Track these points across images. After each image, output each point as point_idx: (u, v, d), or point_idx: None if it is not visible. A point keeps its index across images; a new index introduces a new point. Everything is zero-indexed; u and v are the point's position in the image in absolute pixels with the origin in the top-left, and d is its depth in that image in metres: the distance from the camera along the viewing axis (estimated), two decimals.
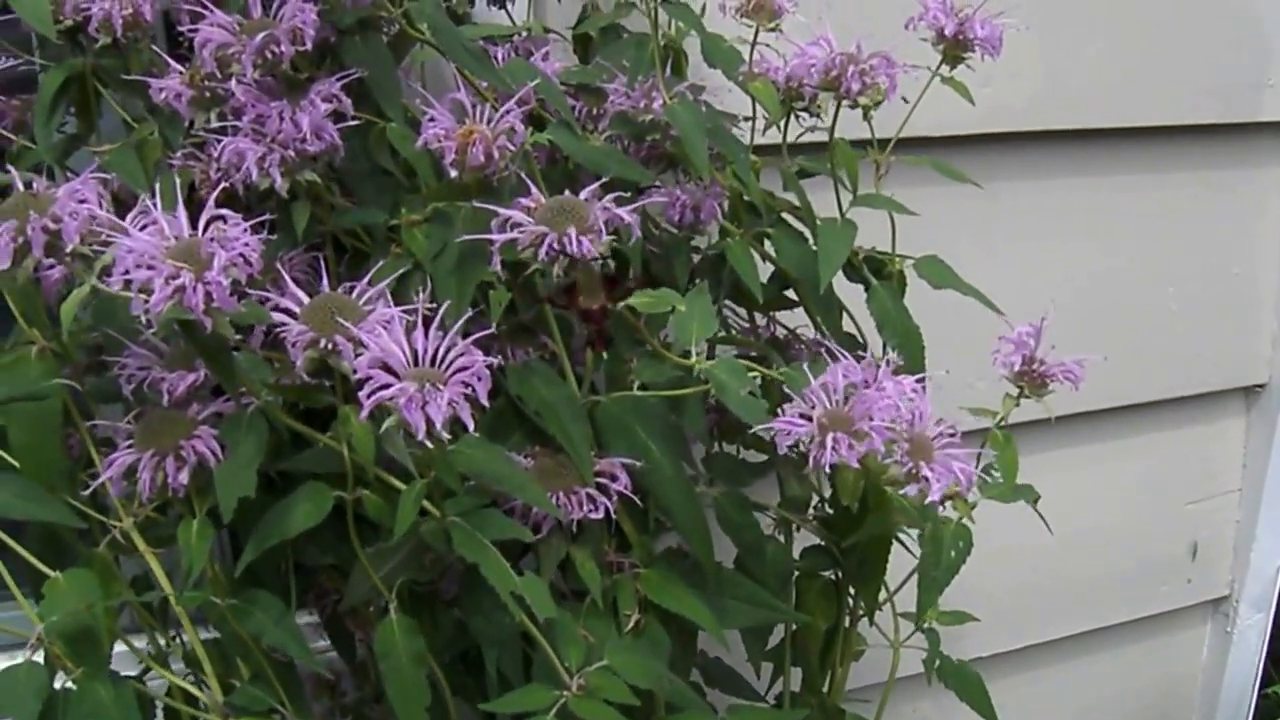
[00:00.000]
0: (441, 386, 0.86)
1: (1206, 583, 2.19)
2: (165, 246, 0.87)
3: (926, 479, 0.96)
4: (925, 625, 1.36)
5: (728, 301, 1.34)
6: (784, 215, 1.31)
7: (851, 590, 1.37)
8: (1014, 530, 1.36)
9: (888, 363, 1.05)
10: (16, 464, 1.05)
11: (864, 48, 1.18)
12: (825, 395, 0.99)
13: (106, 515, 1.07)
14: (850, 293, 1.32)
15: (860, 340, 1.35)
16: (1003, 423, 1.21)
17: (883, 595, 1.33)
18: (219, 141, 1.07)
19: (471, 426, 0.86)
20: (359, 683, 1.36)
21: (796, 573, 1.35)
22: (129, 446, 1.00)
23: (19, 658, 1.00)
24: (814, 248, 1.24)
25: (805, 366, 1.03)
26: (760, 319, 1.41)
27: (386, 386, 0.86)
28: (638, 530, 1.20)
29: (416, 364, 0.89)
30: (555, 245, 0.95)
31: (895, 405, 0.97)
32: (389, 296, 0.94)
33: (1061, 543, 1.43)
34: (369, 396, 0.85)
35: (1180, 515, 2.13)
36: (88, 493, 1.03)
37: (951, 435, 1.00)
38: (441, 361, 0.89)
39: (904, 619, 1.38)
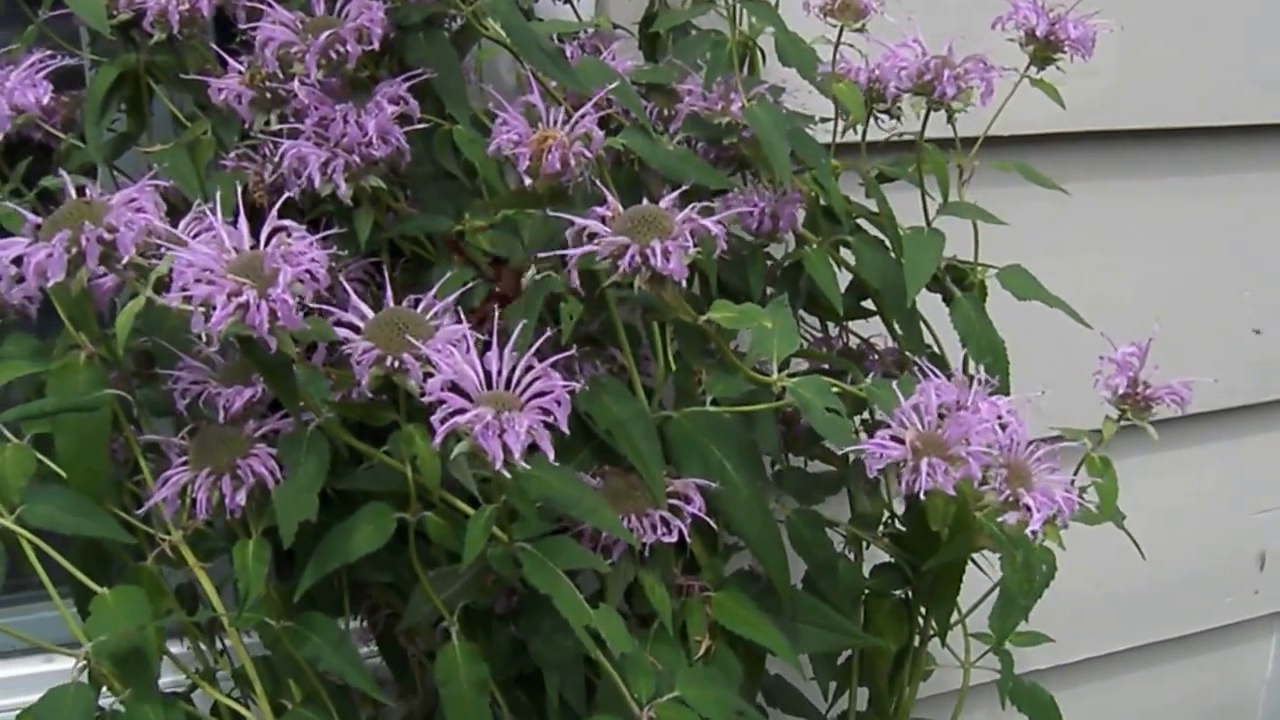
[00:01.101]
0: (519, 413, 0.81)
1: (1274, 594, 2.12)
2: (226, 260, 0.82)
3: (1028, 508, 0.90)
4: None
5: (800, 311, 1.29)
6: (860, 222, 1.25)
7: (922, 610, 1.32)
8: (1075, 542, 1.31)
9: (980, 381, 0.99)
10: (62, 473, 1.01)
11: (955, 49, 1.11)
12: (918, 416, 0.93)
13: (152, 526, 1.03)
14: (924, 300, 1.26)
15: (939, 352, 1.29)
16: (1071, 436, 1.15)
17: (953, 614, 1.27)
18: (276, 143, 1.02)
19: (552, 455, 0.81)
20: (403, 691, 1.31)
21: (866, 591, 1.30)
22: (183, 464, 0.96)
23: (54, 662, 0.96)
24: (896, 257, 1.19)
25: (895, 386, 0.98)
26: (832, 328, 1.36)
27: (461, 411, 0.80)
28: (708, 551, 1.15)
29: (490, 386, 0.84)
30: (637, 258, 0.89)
31: (992, 428, 0.91)
32: (460, 312, 0.89)
33: (1124, 553, 1.38)
34: (442, 422, 0.80)
35: (1248, 525, 2.07)
36: (141, 513, 0.98)
37: (1051, 459, 0.94)
38: (516, 384, 0.84)
39: (974, 639, 1.33)
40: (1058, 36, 1.17)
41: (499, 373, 0.85)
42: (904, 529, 1.30)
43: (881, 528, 1.32)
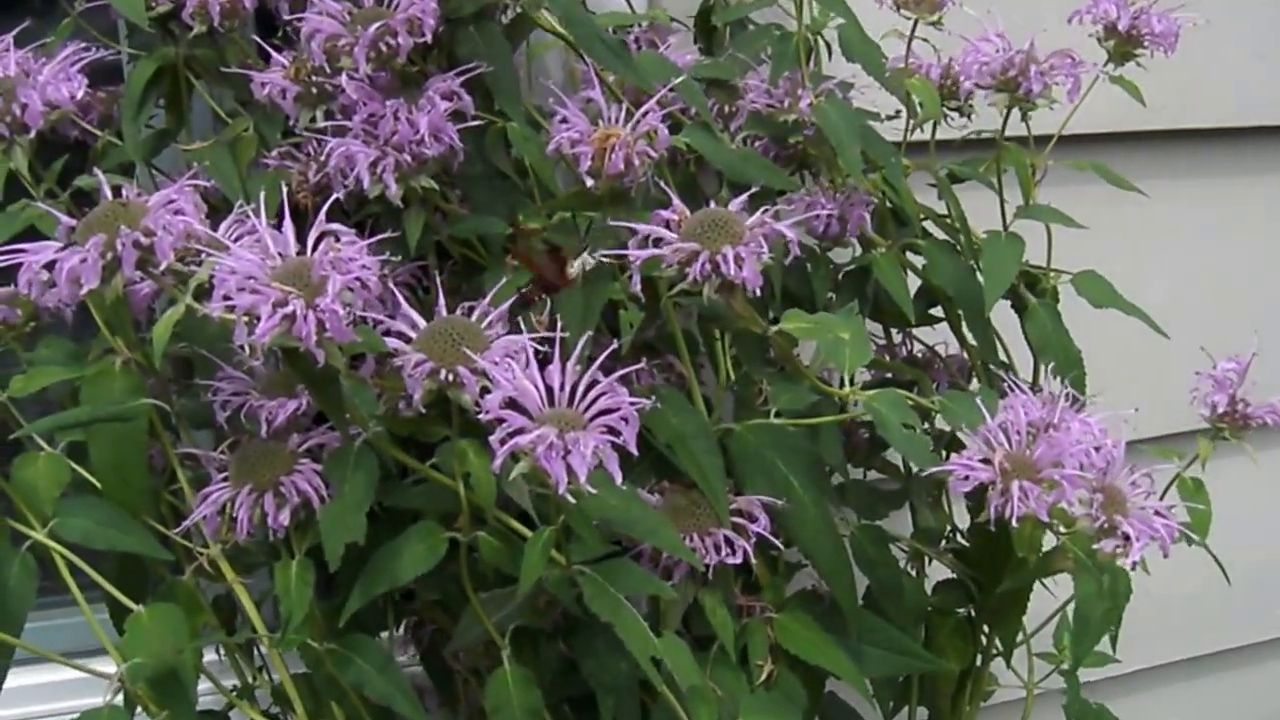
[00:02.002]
0: (583, 432, 0.75)
1: None
2: (271, 267, 0.77)
3: (1126, 536, 0.84)
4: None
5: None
6: (927, 224, 1.19)
7: (986, 628, 1.26)
8: None
9: (1068, 397, 0.93)
10: (97, 483, 0.98)
11: (1036, 44, 1.05)
12: (1005, 435, 0.88)
13: (189, 538, 0.99)
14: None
15: (1008, 360, 1.23)
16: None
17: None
18: (321, 142, 0.97)
19: (619, 479, 0.75)
20: (444, 700, 1.25)
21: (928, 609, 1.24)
22: (223, 480, 0.91)
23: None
24: (969, 261, 1.13)
25: (979, 401, 0.91)
26: (895, 334, 1.30)
27: (522, 431, 0.75)
28: (770, 570, 1.10)
29: (551, 402, 0.79)
30: (708, 265, 0.83)
31: (1087, 450, 0.85)
32: (522, 322, 0.84)
33: (1185, 561, 1.32)
34: (502, 443, 0.75)
35: None
36: (178, 531, 0.93)
37: (1147, 483, 0.88)
38: (580, 400, 0.79)
39: (1038, 659, 1.30)
40: (1139, 31, 1.11)
41: (561, 387, 0.79)
42: (968, 544, 1.25)
43: (944, 542, 1.27)
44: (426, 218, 0.99)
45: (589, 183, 0.90)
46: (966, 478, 0.86)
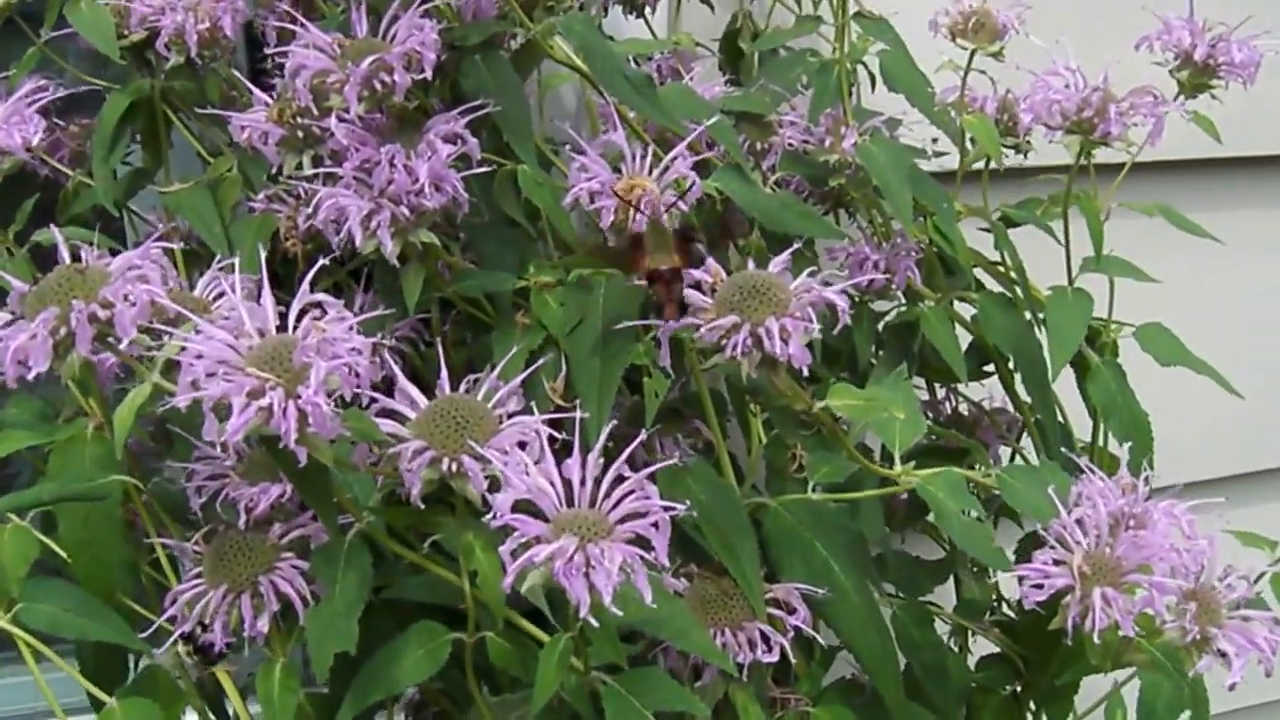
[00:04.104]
0: (608, 541, 0.65)
1: None
2: (247, 347, 0.67)
3: (1223, 654, 0.73)
4: None
5: None
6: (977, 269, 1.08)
7: (1033, 706, 1.16)
8: None
9: (1146, 480, 0.82)
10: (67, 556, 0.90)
11: (1109, 78, 0.94)
12: (1082, 531, 0.77)
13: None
14: None
15: (1064, 420, 1.12)
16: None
17: None
18: (313, 187, 0.86)
19: (649, 598, 0.65)
20: None
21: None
22: (197, 578, 0.80)
23: None
24: (1024, 312, 1.02)
25: (1051, 492, 0.81)
26: (940, 387, 1.19)
27: (537, 540, 0.64)
28: (806, 659, 0.99)
29: (570, 501, 0.68)
30: (749, 340, 0.73)
31: (1177, 551, 0.74)
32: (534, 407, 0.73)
33: None
34: (514, 556, 0.64)
35: None
36: (145, 635, 0.83)
37: (1242, 586, 0.77)
38: (604, 498, 0.68)
39: None
40: (1217, 60, 1.00)
41: (581, 483, 0.69)
42: (1016, 618, 1.15)
43: (989, 613, 1.17)
44: (428, 272, 0.88)
45: (610, 240, 0.79)
46: (1041, 586, 0.75)
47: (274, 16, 0.94)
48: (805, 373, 0.74)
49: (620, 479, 0.68)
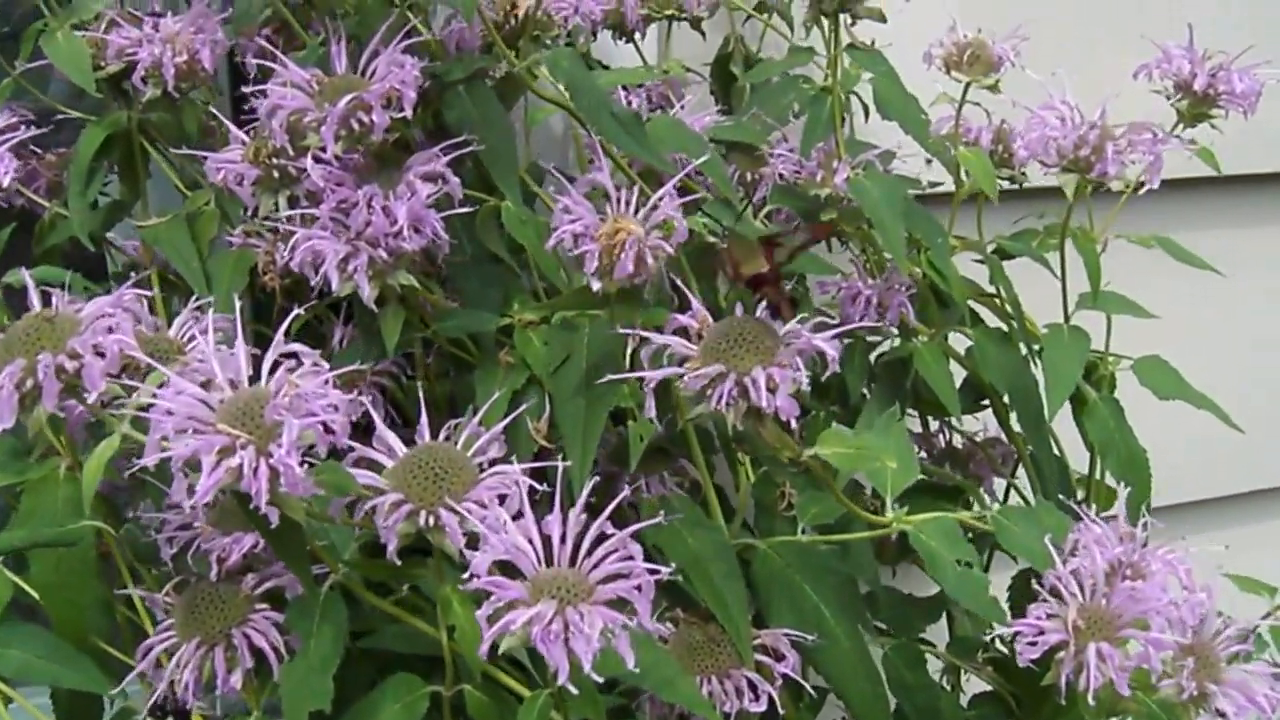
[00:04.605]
0: (589, 605, 0.63)
1: None
2: (219, 400, 0.65)
3: (1221, 714, 0.71)
4: None
5: None
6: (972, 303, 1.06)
7: None
8: None
9: (1144, 527, 0.80)
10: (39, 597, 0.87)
11: (1108, 113, 0.92)
12: (1077, 583, 0.75)
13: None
14: None
15: (1059, 453, 1.10)
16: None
17: None
18: (289, 227, 0.84)
19: (632, 662, 0.63)
20: None
21: None
22: (167, 630, 0.78)
23: None
24: (1019, 345, 1.00)
25: (1048, 541, 0.78)
26: (933, 421, 1.17)
27: (513, 605, 0.62)
28: (793, 703, 0.97)
29: (549, 560, 0.66)
30: (734, 392, 0.71)
31: (1175, 603, 0.72)
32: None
33: None
34: (490, 621, 0.62)
35: None
36: (115, 693, 0.81)
37: (1243, 639, 0.75)
38: (584, 556, 0.66)
39: None
40: (1217, 89, 0.98)
41: (562, 539, 0.67)
42: (1009, 654, 1.12)
43: (981, 651, 1.15)
44: (408, 314, 0.86)
45: (595, 285, 0.77)
46: (1035, 643, 0.73)
47: (253, 48, 0.92)
48: (793, 425, 0.72)
49: (603, 536, 0.66)
